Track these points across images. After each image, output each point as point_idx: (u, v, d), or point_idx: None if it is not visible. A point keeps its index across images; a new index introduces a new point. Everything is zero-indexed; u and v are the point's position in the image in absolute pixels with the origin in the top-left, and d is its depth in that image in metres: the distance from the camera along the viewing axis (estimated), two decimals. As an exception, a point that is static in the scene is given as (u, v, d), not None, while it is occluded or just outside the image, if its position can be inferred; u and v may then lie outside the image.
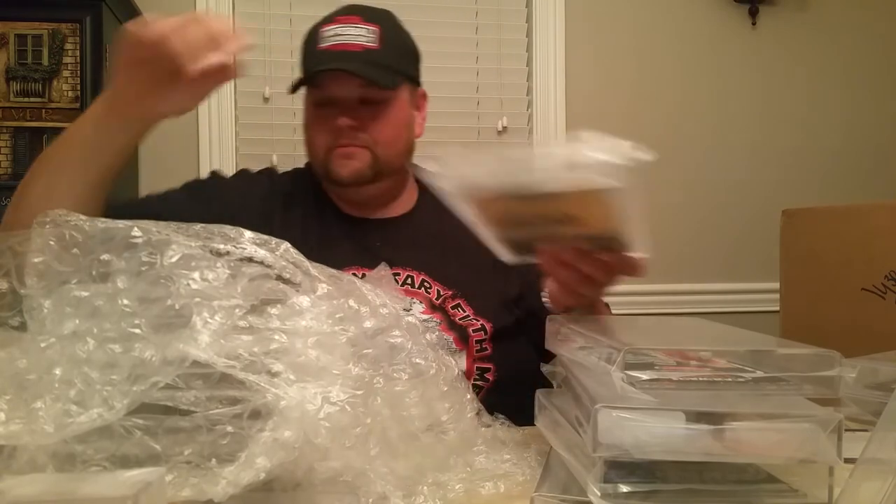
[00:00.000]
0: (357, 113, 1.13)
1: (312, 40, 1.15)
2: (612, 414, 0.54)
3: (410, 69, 1.22)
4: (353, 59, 1.11)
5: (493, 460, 0.70)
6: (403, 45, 1.21)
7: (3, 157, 1.79)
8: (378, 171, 1.16)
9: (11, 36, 1.80)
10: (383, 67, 1.13)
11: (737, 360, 0.59)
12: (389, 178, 1.20)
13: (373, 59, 1.12)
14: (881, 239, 1.52)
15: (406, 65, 1.21)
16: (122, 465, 0.52)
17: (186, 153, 2.23)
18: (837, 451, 0.54)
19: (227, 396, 0.53)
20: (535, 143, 2.44)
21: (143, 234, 0.56)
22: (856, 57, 2.59)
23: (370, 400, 0.57)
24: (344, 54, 1.11)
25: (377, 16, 1.17)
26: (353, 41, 1.12)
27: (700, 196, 2.52)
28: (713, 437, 0.55)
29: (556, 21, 2.43)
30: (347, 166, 1.14)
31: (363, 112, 1.14)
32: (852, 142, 2.58)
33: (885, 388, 0.81)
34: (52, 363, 0.51)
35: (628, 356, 0.55)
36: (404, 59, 1.20)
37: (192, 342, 0.52)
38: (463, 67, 2.41)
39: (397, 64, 1.17)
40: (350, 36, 1.12)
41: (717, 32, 2.52)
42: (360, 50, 1.12)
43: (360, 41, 1.12)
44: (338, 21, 1.14)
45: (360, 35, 1.13)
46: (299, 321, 0.58)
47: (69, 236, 0.55)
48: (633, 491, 0.54)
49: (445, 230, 1.21)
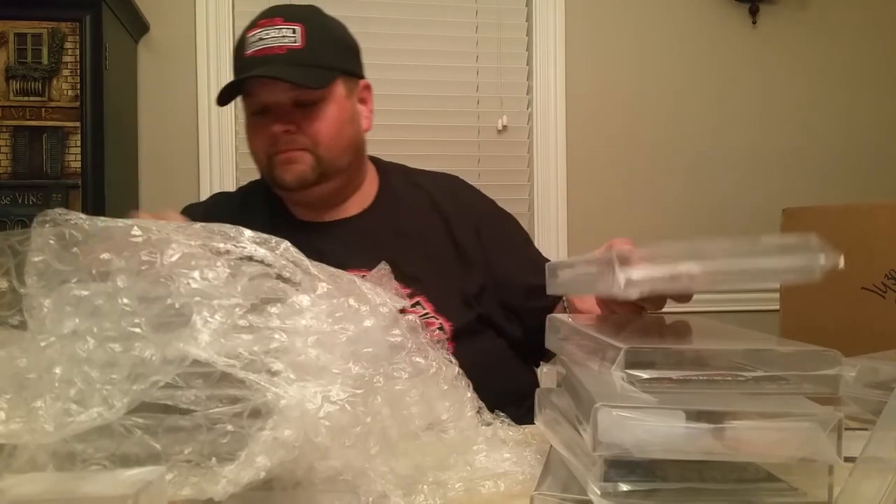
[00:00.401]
0: (292, 116, 1.12)
1: (239, 47, 1.14)
2: (612, 413, 0.54)
3: (344, 63, 1.18)
4: (277, 63, 1.09)
5: (493, 459, 0.70)
6: (332, 39, 1.17)
7: (3, 156, 1.79)
8: (322, 171, 1.15)
9: (11, 35, 1.80)
10: (310, 66, 1.11)
11: (736, 360, 0.59)
12: (337, 177, 1.18)
13: (298, 59, 1.10)
14: (881, 238, 1.52)
15: (337, 59, 1.17)
16: (122, 464, 0.52)
17: (186, 160, 2.23)
18: (838, 451, 0.54)
19: (227, 395, 0.53)
20: (536, 142, 2.44)
21: (143, 233, 0.56)
22: (856, 57, 2.59)
23: (370, 399, 0.57)
24: (267, 58, 1.09)
25: (299, 14, 1.14)
26: (275, 44, 1.10)
27: (700, 196, 2.52)
28: (713, 436, 0.55)
29: (556, 21, 2.43)
30: (290, 171, 1.13)
31: (298, 115, 1.12)
32: (852, 142, 2.58)
33: (884, 386, 0.81)
34: (52, 362, 0.51)
35: (629, 355, 0.55)
36: (334, 54, 1.16)
37: (192, 341, 0.52)
38: (463, 67, 2.41)
39: (326, 60, 1.14)
40: (272, 38, 1.10)
41: (717, 32, 2.52)
42: (284, 52, 1.10)
43: (283, 43, 1.10)
44: (260, 25, 1.12)
45: (283, 36, 1.10)
46: (299, 320, 0.58)
47: (69, 235, 0.55)
48: (633, 490, 0.54)
49: (405, 226, 1.21)
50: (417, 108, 2.37)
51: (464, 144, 2.42)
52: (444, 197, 1.24)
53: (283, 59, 1.09)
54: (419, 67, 2.38)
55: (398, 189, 1.26)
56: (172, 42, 2.23)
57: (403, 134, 2.33)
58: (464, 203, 1.25)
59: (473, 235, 1.21)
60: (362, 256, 1.12)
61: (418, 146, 2.31)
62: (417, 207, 1.23)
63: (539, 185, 2.44)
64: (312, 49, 1.11)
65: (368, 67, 1.23)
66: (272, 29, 1.10)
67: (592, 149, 2.46)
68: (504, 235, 1.25)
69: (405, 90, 2.36)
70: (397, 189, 1.25)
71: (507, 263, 1.21)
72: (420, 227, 1.21)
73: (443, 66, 2.39)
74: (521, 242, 1.28)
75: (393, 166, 1.31)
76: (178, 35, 2.23)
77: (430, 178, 1.29)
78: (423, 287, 1.13)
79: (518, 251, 1.25)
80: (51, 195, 1.81)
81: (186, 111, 2.22)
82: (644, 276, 0.58)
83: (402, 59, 2.36)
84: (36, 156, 1.80)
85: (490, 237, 1.22)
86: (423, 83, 2.39)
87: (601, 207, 2.47)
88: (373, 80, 1.23)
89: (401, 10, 2.38)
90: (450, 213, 1.22)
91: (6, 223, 1.78)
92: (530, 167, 2.46)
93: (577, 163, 2.45)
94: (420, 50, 2.39)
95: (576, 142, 2.45)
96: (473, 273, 1.18)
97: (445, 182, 1.29)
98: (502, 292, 1.20)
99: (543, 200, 2.44)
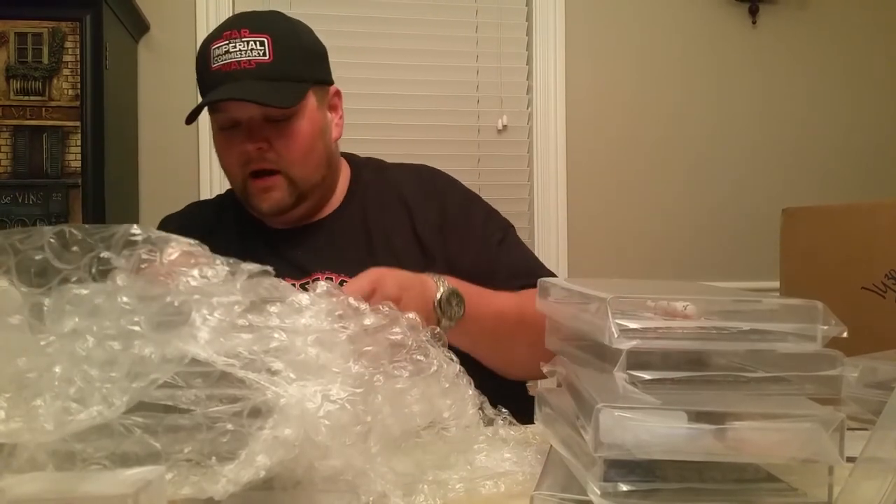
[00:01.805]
0: (262, 133, 1.08)
1: (203, 59, 1.09)
2: (613, 414, 0.54)
3: (313, 73, 1.14)
4: (245, 78, 1.05)
5: (493, 459, 0.70)
6: (300, 48, 1.12)
7: (4, 156, 1.79)
8: (299, 194, 1.12)
9: (11, 34, 1.80)
10: (279, 81, 1.07)
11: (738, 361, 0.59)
12: (313, 194, 1.15)
13: (266, 73, 1.06)
14: (881, 238, 1.52)
15: (307, 70, 1.12)
16: (122, 463, 0.52)
17: (186, 160, 2.23)
18: (839, 451, 0.54)
19: (226, 394, 0.53)
20: (536, 142, 2.44)
21: (143, 232, 0.56)
22: (856, 56, 2.59)
23: (370, 397, 0.57)
24: (235, 74, 1.05)
25: (265, 23, 1.09)
26: (243, 58, 1.05)
27: (700, 195, 2.52)
28: (715, 436, 0.55)
29: (556, 21, 2.43)
30: (267, 200, 1.11)
31: (269, 131, 1.08)
32: (852, 141, 2.58)
33: (884, 386, 0.81)
34: (51, 361, 0.51)
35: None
36: (303, 65, 1.12)
37: (192, 340, 0.52)
38: (463, 67, 2.41)
39: (296, 72, 1.10)
40: (239, 52, 1.06)
41: (717, 32, 2.52)
42: (252, 66, 1.05)
43: (251, 56, 1.05)
44: (225, 37, 1.07)
45: (251, 49, 1.06)
46: (299, 319, 0.58)
47: (69, 234, 0.55)
48: (633, 490, 0.54)
49: (371, 224, 1.17)
50: (417, 108, 2.37)
51: (464, 144, 2.42)
52: (411, 190, 1.20)
53: (251, 73, 1.05)
54: (419, 67, 2.38)
55: (368, 186, 1.22)
56: (172, 42, 2.23)
57: (403, 134, 2.33)
58: (429, 194, 1.20)
59: (436, 229, 1.16)
60: (331, 260, 1.12)
61: (418, 146, 2.31)
62: (385, 203, 1.20)
63: (539, 185, 2.44)
64: (281, 61, 1.07)
65: (368, 68, 1.21)
66: (238, 41, 1.06)
67: (592, 148, 2.46)
68: (465, 229, 1.18)
69: (405, 90, 2.36)
70: (367, 186, 1.22)
71: (463, 255, 1.16)
72: (386, 224, 1.18)
73: (443, 66, 2.39)
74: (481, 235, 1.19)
75: (367, 162, 1.28)
76: (178, 35, 2.23)
77: (401, 171, 1.26)
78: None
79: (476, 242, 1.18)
80: (51, 195, 1.80)
81: (186, 111, 2.19)
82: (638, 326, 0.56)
83: (402, 59, 2.36)
84: (36, 155, 1.80)
85: (452, 230, 1.17)
86: (423, 83, 2.39)
87: (601, 207, 2.47)
88: (373, 80, 1.21)
89: (401, 10, 2.38)
90: (414, 206, 1.18)
91: (6, 223, 1.78)
92: (530, 167, 2.46)
93: (577, 163, 2.45)
94: (420, 50, 2.39)
95: (576, 142, 2.45)
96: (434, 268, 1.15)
97: (413, 174, 1.25)
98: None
99: (543, 200, 2.44)
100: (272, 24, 1.10)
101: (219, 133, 1.13)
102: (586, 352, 0.64)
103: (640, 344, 0.55)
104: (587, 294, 0.61)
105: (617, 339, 0.54)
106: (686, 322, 0.58)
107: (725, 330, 0.57)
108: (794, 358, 0.58)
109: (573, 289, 0.66)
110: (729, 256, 2.50)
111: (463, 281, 0.99)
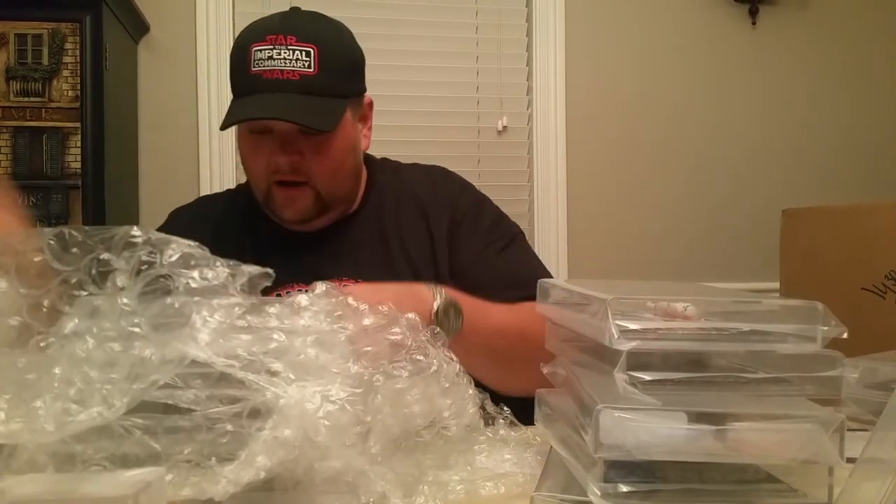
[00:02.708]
0: (296, 145, 1.06)
1: (241, 59, 1.05)
2: (613, 414, 0.54)
3: (353, 86, 1.12)
4: (288, 90, 1.02)
5: (494, 459, 0.70)
6: (344, 61, 1.09)
7: (3, 157, 1.79)
8: (324, 206, 1.10)
9: (11, 35, 1.80)
10: (323, 97, 1.04)
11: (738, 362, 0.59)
12: (338, 207, 1.14)
13: (310, 87, 1.03)
14: (881, 239, 1.52)
15: (349, 84, 1.11)
16: (121, 464, 0.52)
17: (186, 160, 2.23)
18: (839, 452, 0.54)
19: (226, 395, 0.53)
20: (536, 142, 2.44)
21: (143, 234, 0.56)
22: (856, 57, 2.59)
23: (370, 398, 0.57)
24: (280, 84, 1.02)
25: (313, 32, 1.06)
26: (288, 67, 1.02)
27: (700, 196, 2.52)
28: (715, 437, 0.55)
29: (556, 21, 2.43)
30: (292, 209, 1.09)
31: (303, 144, 1.06)
32: (852, 142, 2.58)
33: (884, 387, 0.81)
34: (51, 362, 0.51)
35: (631, 357, 0.55)
36: (346, 80, 1.10)
37: (192, 341, 0.52)
38: (463, 67, 2.41)
39: (339, 88, 1.07)
40: (285, 61, 1.02)
41: (717, 32, 2.52)
42: (297, 78, 1.02)
43: (295, 67, 1.03)
44: (269, 40, 1.03)
45: (296, 59, 1.03)
46: (298, 320, 0.58)
47: (69, 235, 0.55)
48: (633, 490, 0.54)
49: (387, 226, 1.17)
50: (417, 109, 2.37)
51: (464, 145, 2.42)
52: (425, 191, 1.20)
53: (294, 85, 1.02)
54: (419, 68, 2.38)
55: (384, 188, 1.22)
56: (172, 42, 2.23)
57: (403, 134, 2.33)
58: (443, 195, 1.19)
59: (447, 230, 1.16)
60: (348, 264, 1.11)
61: (418, 147, 2.31)
62: (400, 205, 1.19)
63: (539, 186, 2.44)
64: (325, 75, 1.04)
65: (369, 68, 1.19)
66: (283, 49, 1.03)
67: (592, 149, 2.46)
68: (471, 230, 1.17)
69: (405, 90, 2.36)
70: (383, 188, 1.22)
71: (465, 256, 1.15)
72: (402, 226, 1.17)
73: (443, 67, 2.39)
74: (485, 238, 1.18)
75: (382, 164, 1.27)
76: (178, 35, 2.23)
77: (415, 172, 1.25)
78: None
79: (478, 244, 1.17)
80: (51, 195, 1.81)
81: (186, 111, 2.22)
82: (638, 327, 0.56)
83: (403, 59, 2.36)
84: (36, 156, 1.80)
85: (460, 230, 1.16)
86: (423, 83, 2.39)
87: (601, 208, 2.47)
88: (372, 80, 1.20)
89: (400, 10, 2.38)
90: (429, 208, 1.17)
91: (6, 223, 1.78)
92: (530, 167, 2.46)
93: (577, 163, 2.45)
94: (420, 50, 2.39)
95: (576, 142, 2.45)
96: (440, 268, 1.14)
97: (427, 175, 1.24)
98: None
99: (543, 201, 2.44)
100: (319, 33, 1.06)
101: (247, 135, 1.09)
102: (586, 353, 0.64)
103: (641, 345, 0.55)
104: (587, 295, 0.61)
105: (617, 340, 0.54)
106: (686, 323, 0.58)
107: (725, 331, 0.57)
108: (794, 359, 0.58)
109: (573, 290, 0.66)
110: (729, 257, 2.50)
111: (462, 293, 0.96)
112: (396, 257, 1.13)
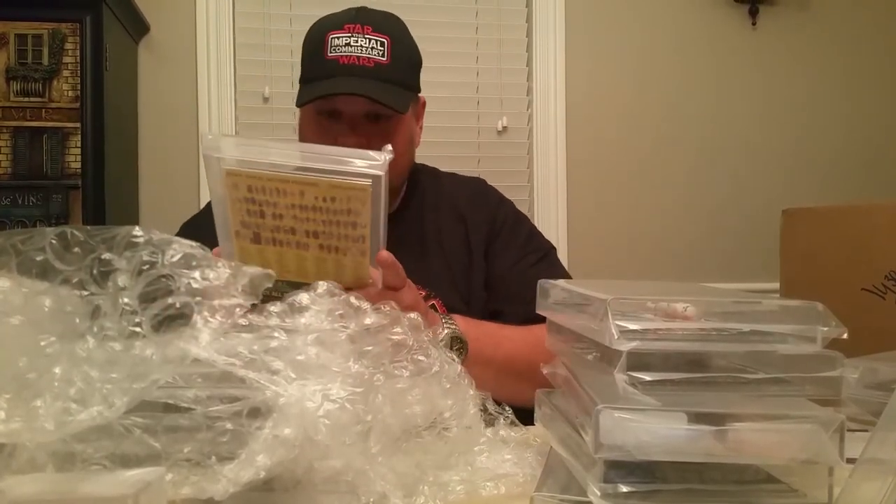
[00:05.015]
0: (363, 129, 1.09)
1: (317, 45, 1.10)
2: (613, 415, 0.54)
3: (416, 81, 1.18)
4: (364, 76, 1.07)
5: (494, 460, 0.70)
6: (410, 56, 1.16)
7: (4, 157, 1.79)
8: None
9: (11, 36, 1.80)
10: (394, 85, 1.09)
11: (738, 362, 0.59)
12: (391, 199, 1.16)
13: (384, 75, 1.08)
14: (881, 239, 1.52)
15: (414, 78, 1.17)
16: (122, 464, 0.52)
17: (186, 160, 2.23)
18: (840, 452, 0.54)
19: (226, 394, 0.53)
20: (536, 143, 2.44)
21: (144, 234, 0.56)
22: (856, 57, 2.59)
23: (371, 397, 0.57)
24: (355, 69, 1.07)
25: (386, 24, 1.12)
26: (364, 54, 1.07)
27: (700, 196, 2.52)
28: (715, 437, 0.55)
29: (556, 21, 2.43)
30: None
31: (370, 129, 1.09)
32: (852, 142, 2.58)
33: (885, 387, 0.81)
34: (52, 361, 0.51)
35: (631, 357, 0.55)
36: (412, 73, 1.16)
37: (193, 340, 0.52)
38: (463, 67, 2.41)
39: (407, 79, 1.13)
40: (361, 48, 1.07)
41: (717, 32, 2.52)
42: (371, 65, 1.07)
43: (371, 55, 1.07)
44: (347, 29, 1.09)
45: (372, 48, 1.08)
46: (299, 319, 0.58)
47: (70, 235, 0.55)
48: (633, 491, 0.54)
49: (427, 228, 1.19)
50: (417, 109, 2.37)
51: (464, 145, 2.42)
52: (466, 201, 1.23)
53: (369, 72, 1.07)
54: (419, 68, 2.38)
55: (426, 191, 1.25)
56: (172, 42, 2.23)
57: (403, 134, 2.32)
58: (483, 206, 1.23)
59: (484, 240, 1.19)
60: None
61: (418, 147, 2.30)
62: (440, 211, 1.22)
63: (539, 186, 2.44)
64: (396, 66, 1.09)
65: None
66: (361, 37, 1.08)
67: (592, 149, 2.46)
68: (508, 240, 1.21)
69: (405, 91, 2.36)
70: (425, 191, 1.25)
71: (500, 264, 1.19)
72: (441, 230, 1.20)
73: (443, 67, 2.39)
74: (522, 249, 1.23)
75: (422, 167, 1.30)
76: (178, 35, 2.23)
77: (455, 181, 1.29)
78: (440, 290, 1.12)
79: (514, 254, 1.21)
80: (51, 196, 1.81)
81: (186, 111, 2.22)
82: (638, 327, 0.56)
83: (403, 59, 2.36)
84: (36, 156, 1.80)
85: (497, 241, 1.20)
86: (423, 83, 2.38)
87: (601, 208, 2.47)
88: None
89: (400, 10, 2.36)
90: (469, 218, 1.21)
91: (6, 223, 1.78)
92: (530, 168, 2.46)
93: (577, 163, 2.45)
94: (420, 50, 2.38)
95: (575, 142, 2.45)
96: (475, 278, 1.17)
97: (468, 186, 1.28)
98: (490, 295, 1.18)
99: (543, 201, 2.44)
100: (392, 27, 1.13)
101: (315, 117, 1.12)
102: (586, 353, 0.64)
103: (641, 345, 0.55)
104: (587, 295, 0.61)
105: (617, 341, 0.54)
106: (686, 323, 0.58)
107: (725, 331, 0.58)
108: (794, 359, 0.58)
109: (573, 290, 0.66)
110: (729, 257, 2.50)
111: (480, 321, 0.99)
112: (433, 261, 1.15)
